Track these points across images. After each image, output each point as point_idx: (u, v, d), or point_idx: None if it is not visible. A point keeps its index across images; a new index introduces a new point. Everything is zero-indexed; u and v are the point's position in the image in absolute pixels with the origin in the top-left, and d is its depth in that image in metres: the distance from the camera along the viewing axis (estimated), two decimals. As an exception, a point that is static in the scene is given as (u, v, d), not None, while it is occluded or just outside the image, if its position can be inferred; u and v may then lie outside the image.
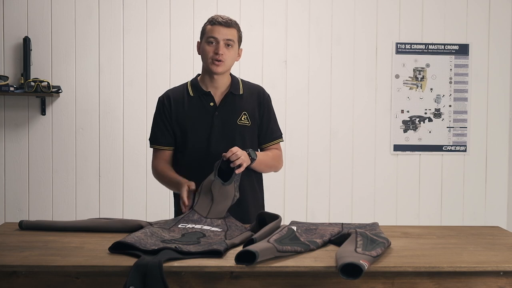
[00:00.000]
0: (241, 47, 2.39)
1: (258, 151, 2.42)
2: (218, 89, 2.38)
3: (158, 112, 2.42)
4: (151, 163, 2.47)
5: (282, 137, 2.49)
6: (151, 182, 3.89)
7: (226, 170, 2.16)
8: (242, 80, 2.46)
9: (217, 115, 2.34)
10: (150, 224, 2.01)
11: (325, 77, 3.99)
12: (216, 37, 2.29)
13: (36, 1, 3.83)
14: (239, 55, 2.38)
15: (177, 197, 2.34)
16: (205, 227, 2.00)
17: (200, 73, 2.44)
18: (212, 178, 2.13)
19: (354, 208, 4.01)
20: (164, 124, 2.38)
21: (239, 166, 2.16)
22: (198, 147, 2.33)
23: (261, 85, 2.58)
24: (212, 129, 2.33)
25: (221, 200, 2.12)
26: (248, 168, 2.25)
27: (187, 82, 2.45)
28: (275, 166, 2.46)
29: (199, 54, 2.38)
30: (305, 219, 3.80)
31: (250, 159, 2.23)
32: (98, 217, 3.82)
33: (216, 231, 1.98)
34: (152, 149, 2.45)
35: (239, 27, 2.36)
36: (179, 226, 2.00)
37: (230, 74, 2.43)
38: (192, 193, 2.16)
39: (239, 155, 2.15)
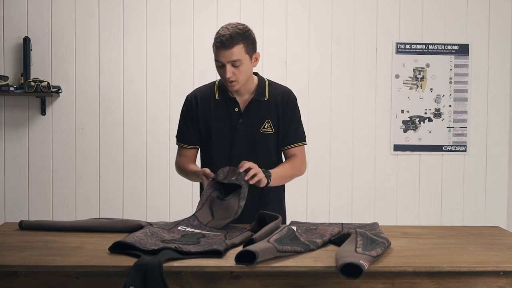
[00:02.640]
0: (257, 50, 2.33)
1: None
2: (243, 96, 2.36)
3: (186, 110, 2.42)
4: (175, 160, 2.49)
5: (305, 140, 2.44)
6: (151, 182, 3.90)
7: (228, 189, 2.14)
8: (269, 82, 2.42)
9: (241, 122, 2.34)
10: (150, 224, 2.01)
11: (325, 77, 3.99)
12: (221, 61, 2.23)
13: (36, 1, 3.83)
14: (256, 59, 2.32)
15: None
16: (205, 232, 2.00)
17: None
18: (215, 195, 2.13)
19: (354, 208, 4.01)
20: (192, 122, 2.39)
21: (253, 176, 2.13)
22: (221, 150, 2.36)
23: None
24: (235, 135, 2.34)
25: (222, 215, 2.09)
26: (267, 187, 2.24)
27: (215, 82, 2.43)
28: (296, 174, 2.42)
29: None
30: (305, 219, 3.80)
31: (266, 176, 2.20)
32: (98, 217, 3.82)
33: (216, 234, 1.98)
34: (177, 146, 2.47)
35: (246, 35, 2.27)
36: (179, 228, 2.00)
37: (257, 75, 2.40)
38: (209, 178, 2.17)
39: (257, 171, 2.14)
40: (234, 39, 2.22)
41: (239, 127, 2.34)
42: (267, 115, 2.36)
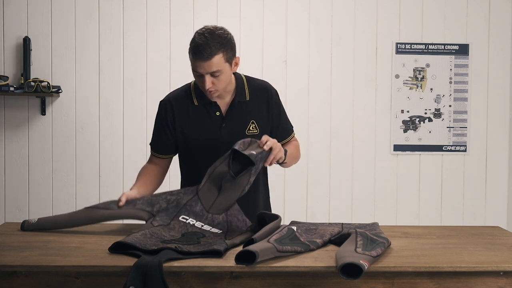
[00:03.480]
0: (237, 55, 2.18)
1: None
2: (224, 99, 2.24)
3: (159, 118, 2.29)
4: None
5: (293, 131, 2.41)
6: (151, 182, 3.90)
7: (239, 160, 2.03)
8: (247, 78, 2.30)
9: (224, 127, 2.22)
10: (152, 223, 1.99)
11: (325, 77, 3.99)
12: (200, 72, 2.08)
13: (36, 1, 3.83)
14: (236, 64, 2.18)
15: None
16: (205, 227, 1.99)
17: None
18: (224, 170, 2.02)
19: (354, 208, 4.01)
20: (166, 131, 2.26)
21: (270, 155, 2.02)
22: (204, 157, 2.16)
23: None
24: (220, 141, 2.19)
25: (229, 192, 2.03)
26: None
27: (190, 86, 2.29)
28: (298, 157, 2.38)
29: None
30: (305, 219, 3.80)
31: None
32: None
33: (215, 233, 1.97)
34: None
35: (225, 42, 2.09)
36: (180, 218, 1.98)
37: (234, 74, 2.26)
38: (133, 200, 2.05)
39: (277, 147, 2.02)
40: (213, 49, 2.05)
41: (223, 132, 2.20)
42: (251, 116, 2.24)
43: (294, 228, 1.87)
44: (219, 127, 2.22)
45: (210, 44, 2.05)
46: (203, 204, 2.03)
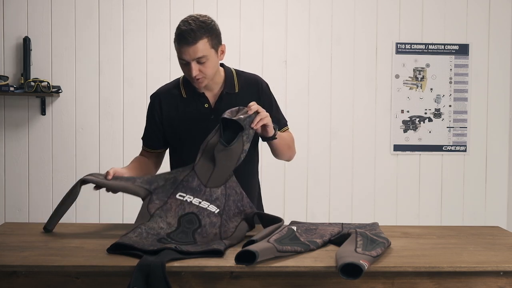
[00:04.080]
0: (222, 42, 2.16)
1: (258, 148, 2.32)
2: (212, 90, 2.22)
3: (149, 112, 2.30)
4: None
5: (287, 125, 2.35)
6: (151, 182, 3.90)
7: (231, 129, 2.02)
8: (237, 72, 2.28)
9: (213, 119, 2.17)
10: (149, 212, 1.96)
11: (325, 77, 3.99)
12: (185, 58, 2.07)
13: (36, 1, 3.83)
14: (222, 52, 2.16)
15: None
16: (203, 204, 1.94)
17: None
18: (216, 141, 2.00)
19: (354, 208, 4.01)
20: (155, 125, 2.27)
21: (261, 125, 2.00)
22: (193, 150, 2.09)
23: None
24: (208, 133, 2.09)
25: (224, 163, 1.99)
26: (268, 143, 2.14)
27: (179, 80, 2.29)
28: (292, 148, 2.32)
29: None
30: (305, 220, 3.80)
31: (274, 127, 2.09)
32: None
33: (212, 212, 1.93)
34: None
35: (209, 28, 2.08)
36: (177, 196, 1.96)
37: (223, 66, 2.27)
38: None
39: (264, 114, 1.99)
40: (197, 34, 2.04)
41: (212, 125, 2.10)
42: None
43: (294, 228, 1.87)
44: (208, 119, 2.19)
45: (194, 29, 2.05)
46: (200, 179, 1.99)
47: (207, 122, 2.17)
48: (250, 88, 2.26)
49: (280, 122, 2.31)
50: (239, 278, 1.62)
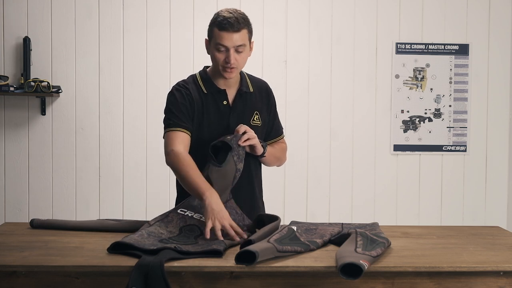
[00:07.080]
0: (252, 39, 2.22)
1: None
2: (231, 88, 2.25)
3: (181, 97, 2.20)
4: (164, 150, 2.17)
5: (283, 132, 2.44)
6: (151, 182, 3.90)
7: (223, 149, 2.07)
8: (247, 74, 2.35)
9: (232, 115, 2.23)
10: (149, 223, 1.98)
11: (325, 77, 3.99)
12: (226, 45, 2.10)
13: (36, 1, 3.83)
14: (251, 48, 2.22)
15: (180, 186, 2.20)
16: (204, 219, 1.94)
17: (207, 66, 2.31)
18: (209, 163, 2.06)
19: (354, 208, 4.01)
20: (187, 109, 2.18)
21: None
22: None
23: None
24: (228, 129, 2.20)
25: (220, 182, 2.03)
26: (256, 160, 2.22)
27: (195, 76, 2.29)
28: (281, 158, 2.40)
29: (208, 54, 2.22)
30: (305, 219, 3.80)
31: (262, 145, 2.17)
32: (99, 218, 3.83)
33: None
34: (164, 136, 2.21)
35: (248, 21, 2.17)
36: (179, 211, 1.98)
37: None
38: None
39: (252, 135, 2.10)
40: (241, 23, 2.11)
41: (232, 120, 2.20)
42: (255, 107, 2.28)
43: (294, 228, 1.87)
44: (228, 115, 2.23)
45: (238, 18, 2.12)
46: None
47: (227, 118, 2.22)
48: (261, 91, 2.34)
49: (279, 131, 2.40)
50: (239, 278, 1.62)
